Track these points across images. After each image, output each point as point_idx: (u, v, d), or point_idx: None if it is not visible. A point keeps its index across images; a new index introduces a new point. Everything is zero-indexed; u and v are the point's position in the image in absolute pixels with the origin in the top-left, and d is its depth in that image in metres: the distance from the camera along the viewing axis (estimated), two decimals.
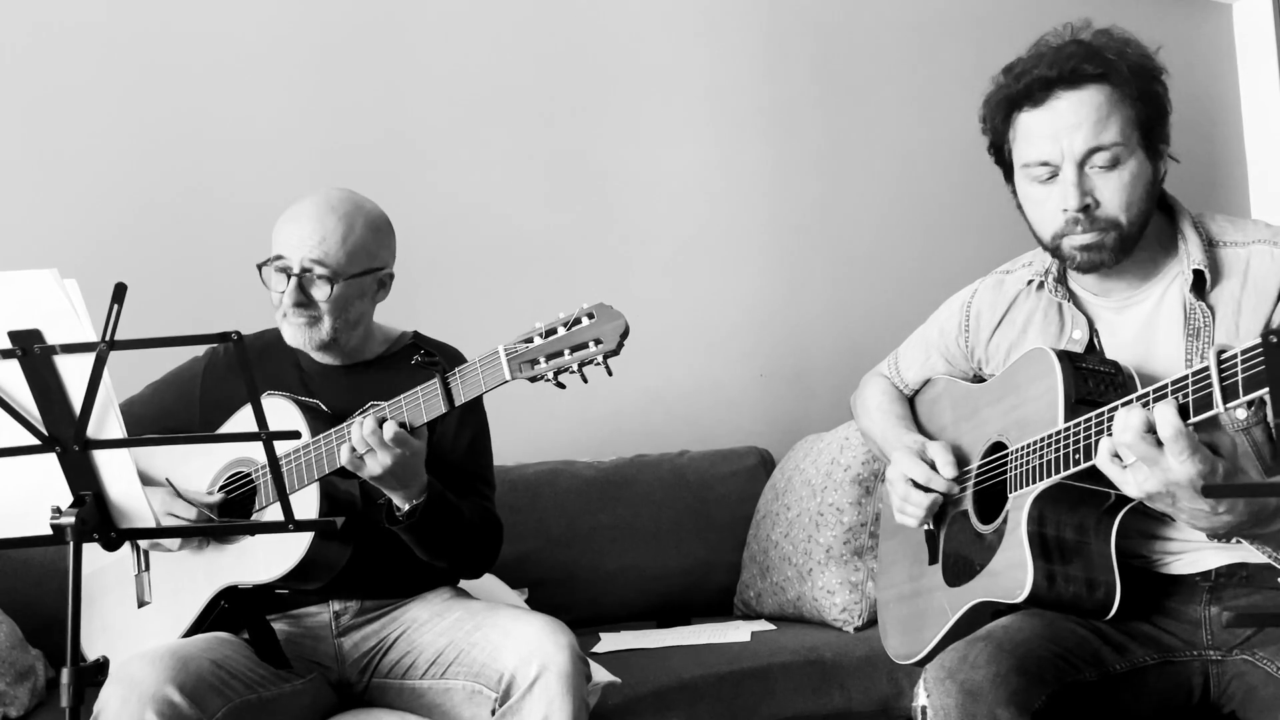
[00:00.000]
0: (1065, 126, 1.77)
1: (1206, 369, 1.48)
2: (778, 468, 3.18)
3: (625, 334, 1.88)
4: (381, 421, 1.98)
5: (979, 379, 2.08)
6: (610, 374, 1.91)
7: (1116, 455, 1.61)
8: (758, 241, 3.65)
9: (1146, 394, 1.58)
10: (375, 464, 1.99)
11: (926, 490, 1.96)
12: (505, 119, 3.39)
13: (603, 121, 3.50)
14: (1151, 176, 1.81)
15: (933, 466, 1.97)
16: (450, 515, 2.14)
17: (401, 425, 1.99)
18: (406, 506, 2.08)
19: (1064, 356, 1.79)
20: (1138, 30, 1.86)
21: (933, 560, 2.02)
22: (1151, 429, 1.54)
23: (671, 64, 3.58)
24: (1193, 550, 1.82)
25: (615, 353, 1.88)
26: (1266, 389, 1.40)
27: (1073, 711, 1.71)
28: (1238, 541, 1.75)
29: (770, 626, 2.88)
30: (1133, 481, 1.59)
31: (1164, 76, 1.82)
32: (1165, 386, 1.56)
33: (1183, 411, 1.52)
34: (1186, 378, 1.52)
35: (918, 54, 3.88)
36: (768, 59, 3.70)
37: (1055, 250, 1.84)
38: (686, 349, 3.53)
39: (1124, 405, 1.60)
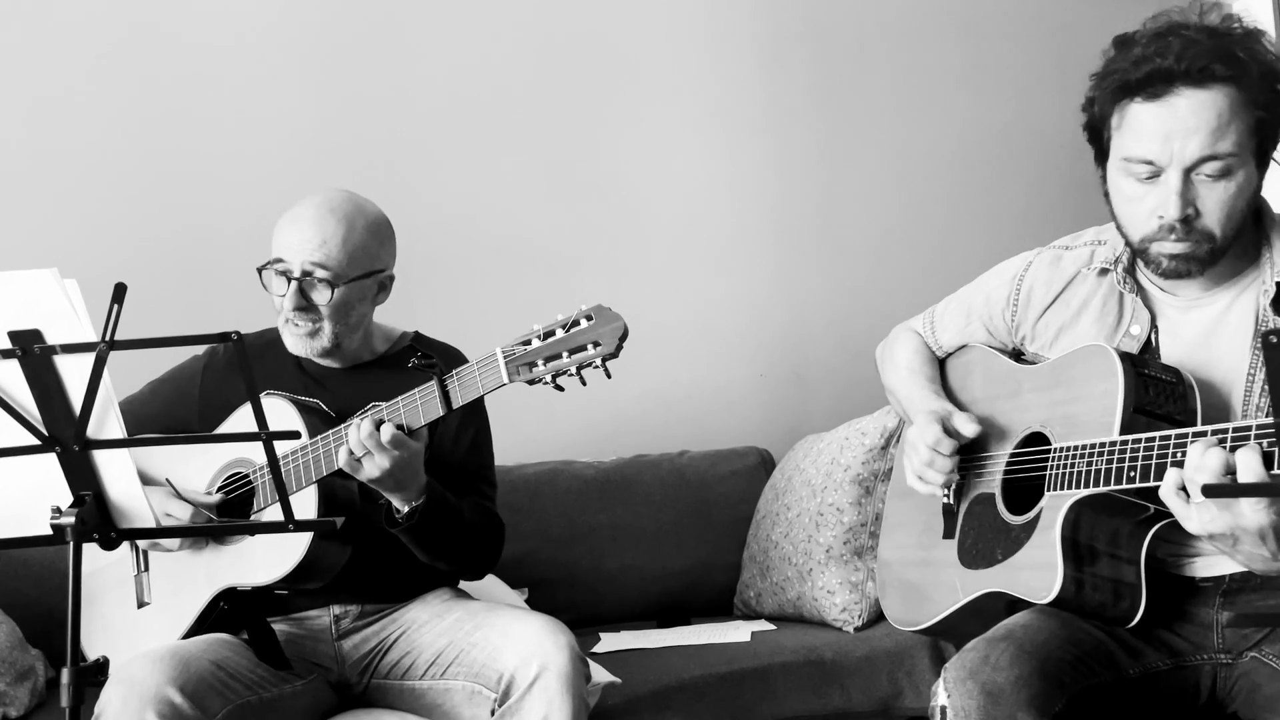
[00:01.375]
0: (1180, 129, 1.64)
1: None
2: (778, 468, 3.18)
3: (624, 336, 1.86)
4: (379, 424, 1.98)
5: (1018, 353, 2.01)
6: (609, 376, 1.89)
7: (1183, 488, 1.54)
8: (758, 242, 3.65)
9: (1225, 431, 1.52)
10: (373, 467, 1.98)
11: (940, 455, 1.88)
12: (506, 119, 3.38)
13: (603, 122, 3.50)
14: (1257, 186, 1.71)
15: (954, 436, 1.89)
16: (450, 517, 2.13)
17: (399, 427, 1.98)
18: (406, 509, 2.07)
19: (1126, 360, 1.71)
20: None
21: (947, 535, 1.98)
22: (1230, 472, 1.47)
23: (672, 64, 3.58)
24: (1209, 554, 1.78)
25: (614, 355, 1.86)
26: None
27: (1089, 715, 1.69)
28: None
29: (770, 626, 2.87)
30: (1196, 519, 1.54)
31: None
32: (1248, 429, 1.49)
33: (1267, 460, 1.45)
34: (1277, 425, 1.43)
35: (916, 55, 3.87)
36: (767, 60, 3.69)
37: (1142, 252, 1.74)
38: (686, 349, 3.53)
39: (1198, 437, 1.53)
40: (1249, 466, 1.45)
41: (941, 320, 2.13)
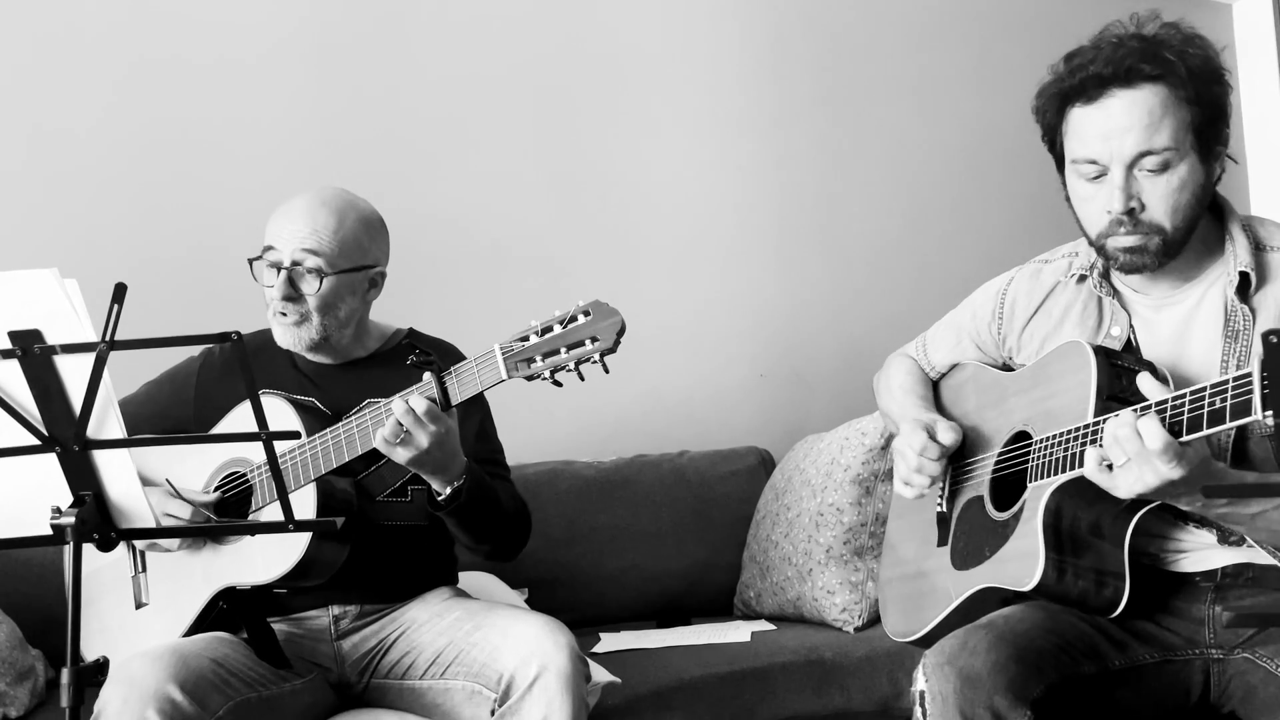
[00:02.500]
0: (1116, 128, 1.74)
1: (1203, 388, 1.52)
2: (778, 468, 3.18)
3: (622, 331, 1.86)
4: (408, 400, 1.96)
5: (1007, 368, 2.06)
6: (607, 371, 1.89)
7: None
8: (758, 241, 3.65)
9: (1164, 403, 1.60)
10: (410, 446, 1.97)
11: (927, 460, 1.95)
12: (505, 117, 3.39)
13: (603, 120, 3.50)
14: (1203, 180, 1.77)
15: (932, 438, 1.96)
16: (491, 495, 2.14)
17: (431, 400, 1.97)
18: (449, 490, 2.07)
19: (1099, 351, 1.77)
20: None
21: (942, 542, 2.01)
22: (1138, 435, 1.57)
23: (672, 63, 3.58)
24: (1200, 549, 1.81)
25: (612, 350, 1.86)
26: (1240, 420, 1.47)
27: (1070, 704, 1.71)
28: (1248, 545, 1.75)
29: (770, 626, 2.88)
30: (1124, 484, 1.61)
31: (1227, 77, 1.78)
32: (1166, 403, 1.58)
33: (1173, 429, 1.55)
34: (1185, 394, 1.56)
35: (919, 55, 3.88)
36: (768, 58, 3.70)
37: (1100, 249, 1.82)
38: (686, 349, 3.53)
39: (1145, 410, 1.60)
40: (1150, 432, 1.56)
41: (933, 342, 2.20)
